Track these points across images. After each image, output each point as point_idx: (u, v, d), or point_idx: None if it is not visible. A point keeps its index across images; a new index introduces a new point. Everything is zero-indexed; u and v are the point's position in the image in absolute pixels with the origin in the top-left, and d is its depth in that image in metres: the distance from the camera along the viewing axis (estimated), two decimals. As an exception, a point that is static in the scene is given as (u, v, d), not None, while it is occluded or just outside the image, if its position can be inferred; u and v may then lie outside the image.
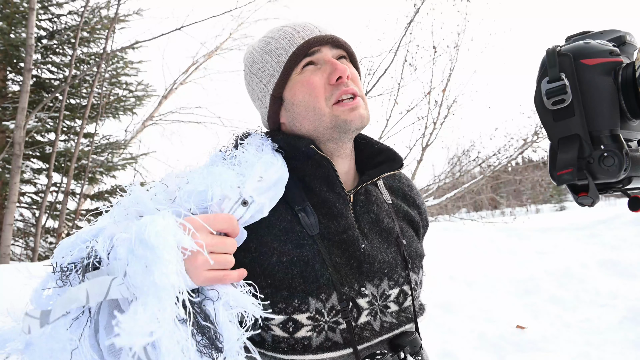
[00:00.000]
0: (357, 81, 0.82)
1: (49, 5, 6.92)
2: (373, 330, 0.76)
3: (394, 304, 0.80)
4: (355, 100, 0.79)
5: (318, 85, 0.78)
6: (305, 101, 0.78)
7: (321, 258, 0.73)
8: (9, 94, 6.86)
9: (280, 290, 0.72)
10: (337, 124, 0.78)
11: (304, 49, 0.79)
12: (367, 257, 0.77)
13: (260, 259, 0.73)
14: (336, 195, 0.79)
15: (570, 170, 0.68)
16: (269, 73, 0.81)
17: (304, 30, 0.81)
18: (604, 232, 6.51)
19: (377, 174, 0.83)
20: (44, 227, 6.49)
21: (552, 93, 0.69)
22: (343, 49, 0.83)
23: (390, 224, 0.84)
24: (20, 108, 4.68)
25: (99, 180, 7.33)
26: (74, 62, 6.53)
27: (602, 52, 0.68)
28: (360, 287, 0.76)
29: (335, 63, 0.78)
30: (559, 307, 4.04)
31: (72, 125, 7.32)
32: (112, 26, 6.63)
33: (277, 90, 0.81)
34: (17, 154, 4.71)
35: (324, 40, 0.80)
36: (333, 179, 0.79)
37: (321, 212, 0.78)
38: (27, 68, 4.77)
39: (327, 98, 0.78)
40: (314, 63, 0.80)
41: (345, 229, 0.77)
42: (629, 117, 0.68)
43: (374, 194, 0.86)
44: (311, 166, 0.79)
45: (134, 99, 7.91)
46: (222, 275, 0.63)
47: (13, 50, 6.28)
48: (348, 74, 0.78)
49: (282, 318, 0.72)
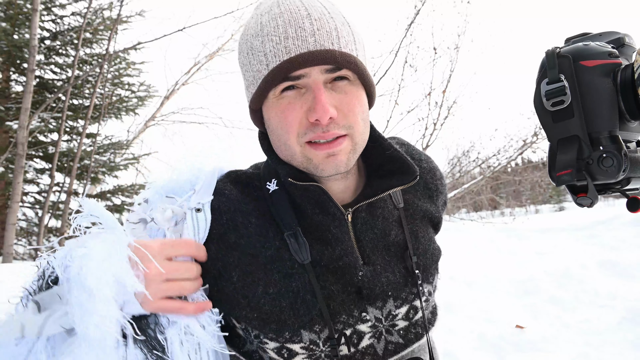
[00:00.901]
0: (353, 112, 0.66)
1: (52, 7, 6.94)
2: (375, 355, 0.70)
3: (403, 321, 0.73)
4: (335, 143, 0.65)
5: (292, 121, 0.64)
6: (277, 132, 0.67)
7: (312, 288, 0.66)
8: (12, 95, 6.88)
9: (268, 323, 0.66)
10: (307, 167, 0.67)
11: (284, 71, 0.62)
12: (367, 283, 0.70)
13: (244, 290, 0.66)
14: (330, 218, 0.69)
15: (570, 171, 0.69)
16: (250, 78, 0.69)
17: (295, 35, 0.62)
18: (603, 233, 6.50)
19: (383, 189, 0.71)
20: (46, 227, 6.50)
21: (551, 94, 0.70)
22: (344, 68, 0.64)
23: (400, 235, 0.75)
24: (23, 108, 4.70)
25: (102, 180, 7.35)
26: (77, 63, 6.55)
27: (601, 53, 0.69)
28: (361, 312, 0.70)
29: (318, 99, 0.62)
30: (559, 308, 4.05)
31: (75, 126, 7.34)
32: (115, 27, 6.65)
33: (253, 103, 0.69)
34: (20, 154, 4.73)
35: (315, 60, 0.62)
36: (325, 201, 0.68)
37: (314, 237, 0.69)
38: (30, 69, 4.79)
39: (300, 135, 0.65)
40: (296, 87, 0.65)
41: (341, 255, 0.69)
42: (628, 118, 0.69)
43: (379, 205, 0.75)
44: (299, 190, 0.69)
45: (136, 100, 7.93)
46: (177, 306, 0.60)
47: (16, 51, 6.30)
48: (332, 114, 0.63)
49: (276, 345, 0.67)
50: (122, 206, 7.40)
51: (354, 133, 0.67)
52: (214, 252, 0.67)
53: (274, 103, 0.66)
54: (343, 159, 0.66)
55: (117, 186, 7.45)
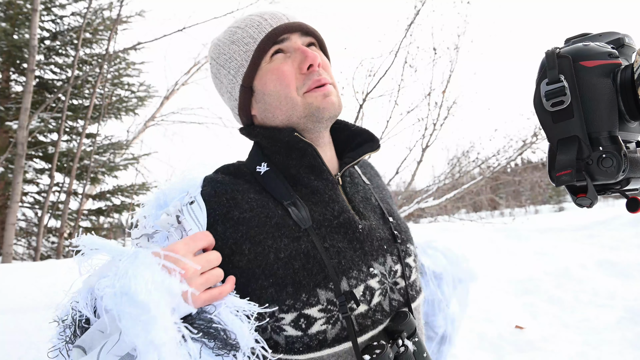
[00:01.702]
0: (329, 69, 0.80)
1: (52, 7, 6.94)
2: (384, 312, 0.75)
3: (401, 279, 0.79)
4: (326, 87, 0.76)
5: (289, 74, 0.75)
6: (276, 91, 0.75)
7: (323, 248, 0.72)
8: (12, 95, 6.88)
9: (284, 287, 0.69)
10: (310, 112, 0.75)
11: (272, 37, 0.76)
12: (367, 236, 0.76)
13: (257, 260, 0.70)
14: (325, 182, 0.77)
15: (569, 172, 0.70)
16: (237, 63, 0.78)
17: (272, 17, 0.78)
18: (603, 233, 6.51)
19: (358, 155, 0.82)
20: (46, 227, 6.50)
21: (551, 95, 0.70)
22: (312, 37, 0.80)
23: (376, 202, 0.85)
24: (23, 108, 4.70)
25: (101, 180, 7.34)
26: (77, 63, 6.55)
27: (601, 54, 0.69)
28: (369, 267, 0.74)
29: (306, 51, 0.75)
30: (558, 307, 4.06)
31: (75, 126, 7.33)
32: (115, 27, 6.65)
33: (246, 80, 0.78)
34: (20, 154, 4.72)
35: (293, 28, 0.77)
36: (319, 165, 0.77)
37: (313, 201, 0.75)
38: (30, 69, 4.79)
39: (299, 87, 0.75)
40: (283, 51, 0.77)
41: (340, 212, 0.75)
42: (628, 118, 0.69)
43: (355, 176, 0.86)
44: (295, 157, 0.77)
45: (135, 100, 7.92)
46: (217, 292, 0.63)
47: (16, 51, 6.30)
48: (319, 61, 0.75)
49: (293, 316, 0.69)
50: (121, 206, 7.39)
51: (334, 83, 0.79)
52: (222, 232, 0.71)
53: (268, 67, 0.76)
54: (335, 100, 0.76)
55: (117, 186, 7.45)
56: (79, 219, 6.79)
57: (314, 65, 0.74)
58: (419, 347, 0.75)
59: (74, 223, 6.71)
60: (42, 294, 3.17)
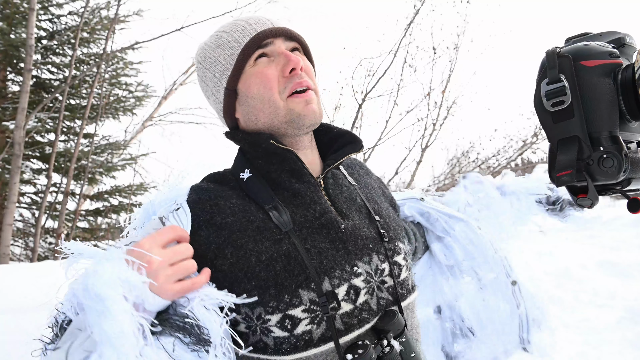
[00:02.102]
0: (311, 74, 0.81)
1: (49, 6, 6.92)
2: (371, 311, 0.75)
3: (389, 278, 0.80)
4: (308, 93, 0.77)
5: (272, 77, 0.77)
6: (259, 94, 0.77)
7: (304, 249, 0.73)
8: (9, 94, 6.86)
9: (267, 289, 0.71)
10: (291, 119, 0.77)
11: (256, 41, 0.78)
12: (350, 236, 0.77)
13: (239, 263, 0.72)
14: (306, 184, 0.78)
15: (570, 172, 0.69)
16: (222, 66, 0.80)
17: (257, 23, 0.80)
18: (603, 233, 6.53)
19: (340, 157, 0.83)
20: (43, 228, 6.48)
21: (551, 94, 0.70)
22: (296, 41, 0.82)
23: (362, 202, 0.85)
24: (20, 108, 4.68)
25: (99, 180, 7.33)
26: (74, 63, 6.53)
27: (602, 53, 0.69)
28: (352, 267, 0.75)
29: (289, 55, 0.77)
30: (558, 308, 4.05)
31: (72, 126, 7.32)
32: (112, 27, 6.64)
33: (230, 83, 0.80)
34: (17, 154, 4.71)
35: (277, 33, 0.79)
36: (300, 169, 0.78)
37: (295, 204, 0.77)
38: (27, 68, 4.77)
39: (281, 91, 0.77)
40: (267, 55, 0.79)
41: (322, 213, 0.77)
42: (628, 118, 0.69)
43: (340, 177, 0.87)
44: (275, 162, 0.79)
45: (133, 100, 7.91)
46: (190, 284, 0.64)
47: (13, 51, 6.28)
48: (302, 65, 0.77)
49: (278, 317, 0.71)
50: (119, 207, 7.38)
51: (316, 89, 0.80)
52: (205, 237, 0.73)
53: (252, 71, 0.78)
54: (316, 108, 0.78)
55: (115, 186, 7.43)
56: (76, 220, 6.77)
57: (296, 69, 0.76)
58: (407, 347, 0.75)
59: (72, 224, 6.70)
60: (42, 294, 3.16)
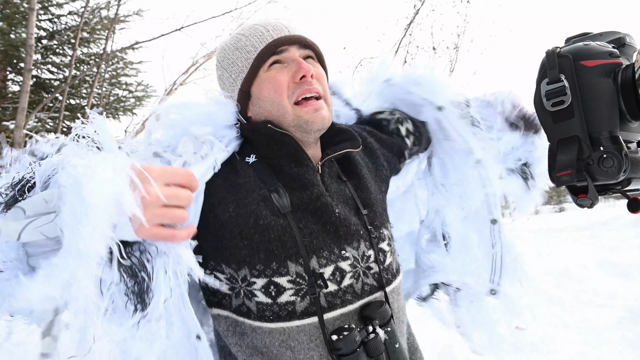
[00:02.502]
0: (323, 81, 0.85)
1: (49, 6, 6.92)
2: (354, 293, 0.78)
3: (375, 264, 0.82)
4: (318, 101, 0.81)
5: (282, 82, 0.80)
6: (270, 97, 0.81)
7: (297, 228, 0.76)
8: (9, 94, 6.87)
9: (257, 252, 0.74)
10: (299, 124, 0.81)
11: (271, 48, 0.82)
12: (343, 221, 0.80)
13: (238, 220, 0.75)
14: (305, 168, 0.82)
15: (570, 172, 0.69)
16: (238, 69, 0.85)
17: (274, 29, 0.84)
18: (603, 233, 6.53)
19: (340, 149, 0.87)
20: (43, 228, 6.48)
21: (551, 94, 0.70)
22: (311, 49, 0.85)
23: (349, 194, 0.88)
24: (20, 108, 4.68)
25: (99, 180, 7.33)
26: (74, 63, 6.53)
27: (602, 53, 0.69)
28: (341, 250, 0.78)
29: (301, 62, 0.81)
30: (558, 308, 4.05)
31: (72, 126, 7.31)
32: (112, 27, 6.64)
33: (245, 85, 0.84)
34: (17, 154, 4.70)
35: (292, 40, 0.83)
36: (299, 153, 0.81)
37: (293, 187, 0.80)
38: (27, 68, 4.77)
39: (290, 95, 0.81)
40: (281, 62, 0.83)
41: (318, 196, 0.80)
42: (629, 118, 0.69)
43: (333, 169, 0.90)
44: (276, 147, 0.81)
45: (133, 100, 7.91)
46: (168, 233, 0.59)
47: (13, 51, 6.28)
48: (312, 72, 0.81)
49: (263, 282, 0.74)
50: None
51: (326, 97, 0.84)
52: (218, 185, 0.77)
53: (265, 76, 0.83)
54: (325, 114, 0.82)
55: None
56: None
57: (306, 76, 0.80)
58: (392, 337, 0.77)
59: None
60: (40, 294, 3.16)
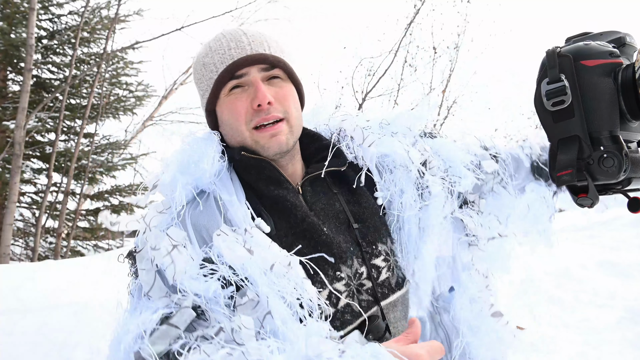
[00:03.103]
0: (287, 100, 0.82)
1: (50, 6, 6.92)
2: (353, 312, 0.77)
3: (368, 281, 0.81)
4: (276, 126, 0.80)
5: (240, 109, 0.80)
6: (229, 122, 0.82)
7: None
8: (9, 94, 6.86)
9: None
10: (256, 148, 0.81)
11: (230, 71, 0.81)
12: (334, 239, 0.78)
13: None
14: (285, 190, 0.80)
15: (570, 172, 0.69)
16: (204, 87, 0.85)
17: (236, 46, 0.82)
18: (603, 233, 6.52)
19: (321, 167, 0.84)
20: (43, 227, 6.48)
21: (552, 94, 0.70)
22: (275, 68, 0.83)
23: (340, 208, 0.85)
24: (20, 108, 4.68)
25: (99, 180, 7.33)
26: (74, 62, 6.53)
27: (602, 53, 0.69)
28: (335, 271, 0.77)
29: (258, 89, 0.79)
30: (558, 308, 4.05)
31: (72, 125, 7.32)
32: (113, 26, 6.64)
33: (209, 105, 0.85)
34: (17, 154, 4.71)
35: (252, 61, 0.81)
36: (277, 176, 0.81)
37: (276, 210, 0.79)
38: (27, 68, 4.78)
39: (248, 121, 0.80)
40: (241, 85, 0.82)
41: (303, 218, 0.78)
42: (629, 118, 0.69)
43: (319, 184, 0.87)
44: (253, 171, 0.81)
45: (134, 99, 7.91)
46: None
47: (13, 50, 6.28)
48: (270, 99, 0.79)
49: None
50: (120, 206, 7.38)
51: (289, 117, 0.82)
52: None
53: (225, 100, 0.82)
54: (283, 138, 0.81)
55: (115, 186, 7.43)
56: (76, 219, 6.78)
57: (262, 105, 0.79)
58: None
59: (72, 223, 6.70)
60: (41, 294, 3.16)
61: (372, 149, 0.89)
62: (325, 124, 0.99)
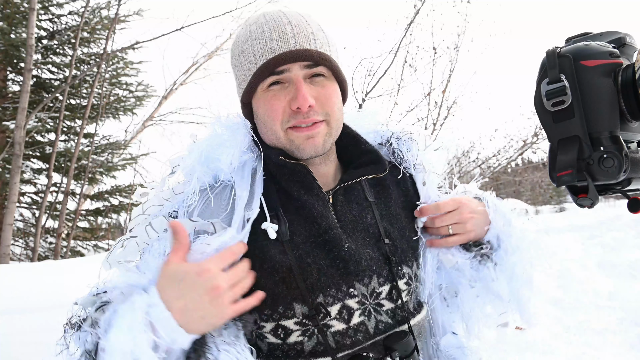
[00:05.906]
0: (330, 101, 0.77)
1: (50, 6, 6.92)
2: (367, 333, 0.74)
3: (388, 302, 0.77)
4: (313, 127, 0.76)
5: (277, 109, 0.75)
6: (264, 119, 0.78)
7: (303, 263, 0.73)
8: (9, 94, 6.87)
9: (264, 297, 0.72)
10: (291, 149, 0.78)
11: (270, 67, 0.74)
12: (353, 256, 0.75)
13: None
14: (315, 197, 0.77)
15: (570, 172, 0.69)
16: (241, 76, 0.80)
17: (279, 38, 0.74)
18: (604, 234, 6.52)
19: (358, 175, 0.81)
20: (43, 227, 6.49)
21: (552, 94, 0.69)
22: (319, 65, 0.76)
23: (372, 221, 0.81)
24: (20, 108, 4.68)
25: (99, 180, 7.34)
26: (74, 63, 6.54)
27: (602, 53, 0.69)
28: (349, 288, 0.74)
29: (299, 90, 0.73)
30: (558, 308, 4.05)
31: (72, 126, 7.32)
32: (113, 26, 6.64)
33: (244, 97, 0.81)
34: (17, 154, 4.71)
35: (295, 57, 0.73)
36: (310, 182, 0.77)
37: (302, 216, 0.76)
38: (27, 68, 4.78)
39: (284, 121, 0.76)
40: (281, 81, 0.76)
41: (326, 229, 0.75)
42: (629, 118, 0.68)
43: (354, 192, 0.82)
44: (286, 172, 0.78)
45: (134, 99, 7.92)
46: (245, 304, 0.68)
47: (13, 51, 6.29)
48: (310, 102, 0.74)
49: (272, 325, 0.73)
50: (120, 206, 7.39)
51: (330, 120, 0.78)
52: None
53: (262, 95, 0.78)
54: (320, 141, 0.77)
55: (115, 186, 7.44)
56: (76, 220, 6.78)
57: (301, 109, 0.74)
58: None
59: (72, 223, 6.71)
60: (41, 295, 3.16)
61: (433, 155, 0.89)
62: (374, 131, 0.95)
